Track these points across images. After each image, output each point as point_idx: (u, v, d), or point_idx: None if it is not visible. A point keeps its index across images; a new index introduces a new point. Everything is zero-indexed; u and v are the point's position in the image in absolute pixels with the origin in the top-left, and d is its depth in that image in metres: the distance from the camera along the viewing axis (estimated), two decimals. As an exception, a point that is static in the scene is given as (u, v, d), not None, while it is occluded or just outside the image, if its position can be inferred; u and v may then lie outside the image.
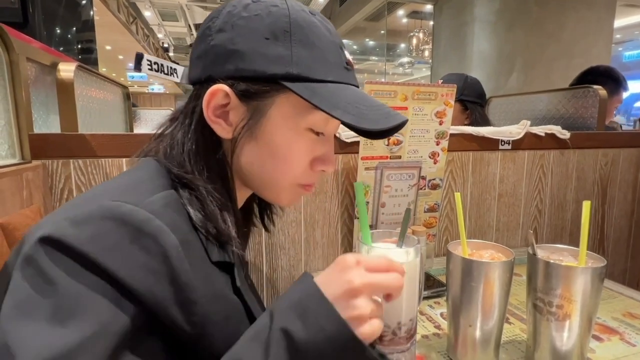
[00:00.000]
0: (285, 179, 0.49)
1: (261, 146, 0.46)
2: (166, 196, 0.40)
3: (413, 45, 7.48)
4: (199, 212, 0.43)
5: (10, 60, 0.67)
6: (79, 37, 1.93)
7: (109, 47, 8.60)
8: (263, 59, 0.43)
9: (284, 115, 0.45)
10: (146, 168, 0.45)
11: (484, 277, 0.56)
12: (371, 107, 0.45)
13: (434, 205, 1.02)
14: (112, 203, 0.36)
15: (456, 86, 0.93)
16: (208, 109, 0.45)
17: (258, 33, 0.43)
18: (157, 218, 0.36)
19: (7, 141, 0.68)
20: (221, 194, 0.46)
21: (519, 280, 0.93)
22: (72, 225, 0.34)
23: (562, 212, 1.25)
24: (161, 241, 0.35)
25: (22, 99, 0.69)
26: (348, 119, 0.42)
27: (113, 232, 0.34)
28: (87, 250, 0.33)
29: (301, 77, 0.43)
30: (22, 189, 0.66)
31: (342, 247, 1.01)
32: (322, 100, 0.42)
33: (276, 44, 0.43)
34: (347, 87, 0.46)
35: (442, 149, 0.97)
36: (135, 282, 0.34)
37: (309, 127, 0.47)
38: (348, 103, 0.44)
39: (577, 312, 0.54)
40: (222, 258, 0.44)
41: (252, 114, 0.45)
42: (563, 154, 1.21)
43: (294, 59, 0.43)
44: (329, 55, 0.45)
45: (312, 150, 0.49)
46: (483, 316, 0.57)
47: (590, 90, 1.32)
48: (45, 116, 0.92)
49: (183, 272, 0.36)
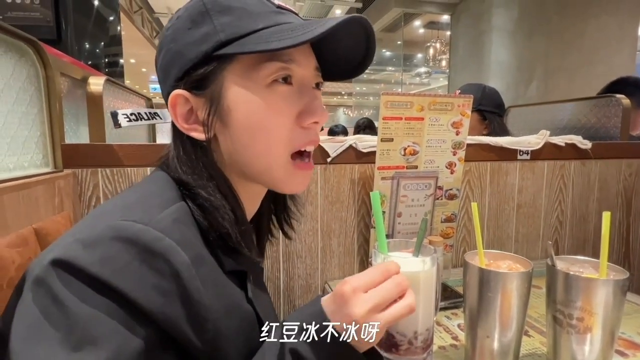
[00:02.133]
0: (275, 151, 0.45)
1: (236, 127, 0.44)
2: (176, 210, 0.40)
3: (430, 55, 7.47)
4: (203, 219, 0.43)
5: (47, 76, 0.72)
6: (106, 51, 2.01)
7: (133, 60, 8.92)
8: (193, 45, 0.43)
9: (239, 84, 0.43)
10: (156, 180, 0.45)
11: (502, 287, 0.56)
12: (310, 24, 0.42)
13: (451, 215, 1.02)
14: (121, 223, 0.35)
15: (472, 97, 0.93)
16: (177, 120, 0.45)
17: (182, 29, 0.44)
18: (167, 236, 0.36)
19: (42, 151, 0.72)
20: (217, 196, 0.45)
21: (539, 292, 0.91)
22: (82, 248, 0.34)
23: (585, 224, 1.22)
24: (172, 260, 0.35)
25: (56, 112, 0.73)
26: (288, 43, 0.40)
27: (123, 253, 0.34)
28: (98, 273, 0.33)
29: (231, 39, 0.42)
30: (54, 196, 0.69)
31: (358, 256, 1.01)
32: (257, 45, 0.41)
33: (199, 27, 0.43)
34: (281, 26, 0.43)
35: (459, 159, 0.97)
36: (148, 303, 0.34)
37: (270, 79, 0.44)
38: (283, 32, 0.41)
39: (598, 325, 0.53)
40: (234, 267, 0.44)
41: (211, 100, 0.44)
42: (584, 165, 1.19)
43: (218, 28, 0.42)
44: (253, 8, 0.44)
45: (290, 106, 0.45)
46: (501, 327, 0.57)
47: (613, 100, 1.29)
48: (75, 127, 0.96)
49: (195, 290, 0.36)
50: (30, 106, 0.68)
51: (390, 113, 0.86)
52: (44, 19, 1.36)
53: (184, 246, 0.37)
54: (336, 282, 0.98)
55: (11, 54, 0.63)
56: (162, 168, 0.47)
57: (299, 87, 0.46)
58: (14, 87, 0.63)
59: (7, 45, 0.62)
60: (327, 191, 0.97)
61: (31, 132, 0.68)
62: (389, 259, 0.50)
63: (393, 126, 0.88)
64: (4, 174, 0.60)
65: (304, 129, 0.46)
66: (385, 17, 6.97)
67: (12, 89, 0.63)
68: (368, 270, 0.43)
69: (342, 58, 0.50)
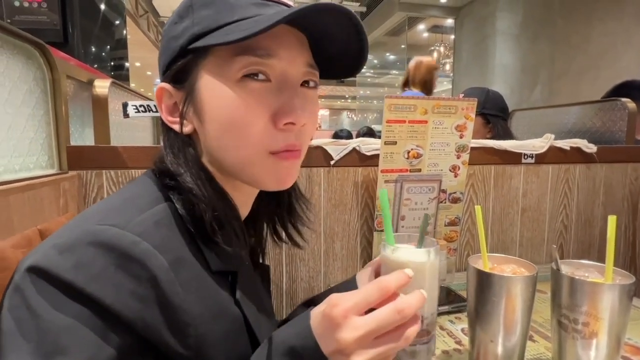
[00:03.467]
0: (250, 149, 0.43)
1: (209, 122, 0.43)
2: (158, 212, 0.39)
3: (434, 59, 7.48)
4: (187, 215, 0.42)
5: (53, 78, 0.72)
6: (112, 54, 2.03)
7: (138, 63, 8.99)
8: (173, 39, 0.44)
9: (212, 78, 0.42)
10: (142, 182, 0.46)
11: (506, 291, 0.55)
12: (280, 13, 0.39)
13: (455, 219, 1.02)
14: (97, 227, 0.35)
15: (477, 100, 0.93)
16: (163, 113, 0.46)
17: (170, 23, 0.45)
18: (145, 240, 0.35)
19: (48, 152, 0.72)
20: (203, 190, 0.43)
21: (544, 297, 0.90)
22: (58, 253, 0.33)
23: (590, 228, 1.21)
24: (149, 265, 0.34)
25: (61, 114, 0.74)
26: (250, 31, 0.37)
27: (99, 258, 0.33)
28: (73, 279, 0.32)
29: (205, 32, 0.41)
30: (59, 197, 0.70)
31: (361, 260, 1.01)
32: (225, 36, 0.39)
33: (183, 21, 0.43)
34: (257, 17, 0.41)
35: (463, 163, 0.97)
36: (124, 309, 0.33)
37: (241, 74, 0.41)
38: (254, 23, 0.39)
39: (604, 330, 0.52)
40: (222, 267, 0.43)
41: (187, 94, 0.44)
42: (590, 168, 1.18)
43: (196, 21, 0.42)
44: (233, 1, 0.42)
45: (262, 103, 0.42)
46: (505, 332, 0.56)
47: (618, 103, 1.28)
48: (81, 129, 0.97)
49: (174, 295, 0.35)
50: (37, 108, 0.69)
51: (394, 116, 0.86)
52: (51, 22, 1.37)
53: (163, 249, 0.36)
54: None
55: (18, 57, 0.64)
56: (153, 169, 0.48)
57: (278, 84, 0.43)
58: (21, 89, 0.64)
59: (14, 47, 0.63)
60: (330, 194, 0.97)
61: (37, 133, 0.69)
62: (397, 251, 0.49)
63: (397, 129, 0.88)
64: (10, 175, 0.61)
65: (280, 131, 0.43)
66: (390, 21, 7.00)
67: (19, 91, 0.63)
68: (363, 288, 0.39)
69: (337, 54, 0.48)
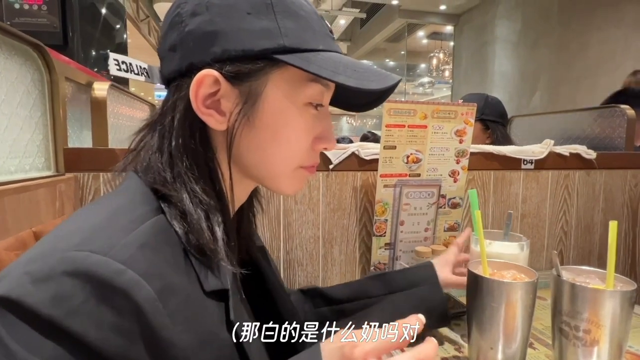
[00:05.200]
0: (288, 163, 0.45)
1: (260, 131, 0.43)
2: (144, 232, 0.35)
3: (433, 65, 7.51)
4: (182, 228, 0.38)
5: (51, 80, 0.72)
6: (112, 58, 2.03)
7: (139, 68, 9.01)
8: (250, 35, 0.39)
9: (281, 93, 0.42)
10: (128, 190, 0.41)
11: (506, 298, 0.55)
12: (367, 70, 0.43)
13: (454, 224, 1.01)
14: (76, 254, 0.31)
15: (476, 105, 0.93)
16: (197, 99, 0.40)
17: (238, 9, 0.40)
18: (130, 267, 0.32)
19: (44, 155, 0.72)
20: (210, 196, 0.41)
21: (544, 304, 0.90)
22: (32, 283, 0.29)
23: (590, 235, 1.20)
24: (134, 296, 0.31)
25: (59, 116, 0.74)
26: (352, 83, 0.40)
27: (78, 290, 0.30)
28: (49, 314, 0.29)
29: (294, 48, 0.40)
30: (55, 199, 0.69)
31: (360, 265, 1.00)
32: (321, 69, 0.40)
33: (259, 18, 0.40)
34: (336, 54, 0.44)
35: (462, 168, 0.96)
36: (106, 346, 0.30)
37: (308, 101, 0.44)
38: (347, 68, 0.41)
39: (605, 337, 0.52)
40: (216, 286, 0.40)
41: (247, 97, 0.41)
42: (589, 175, 1.18)
43: (282, 30, 0.40)
44: (314, 24, 0.43)
45: (313, 128, 0.46)
46: (505, 339, 0.56)
47: (617, 110, 1.29)
48: (79, 132, 0.97)
49: (161, 327, 0.32)
50: (34, 110, 0.68)
51: (393, 120, 0.86)
52: (51, 25, 1.37)
53: (150, 277, 0.33)
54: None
55: (16, 58, 0.63)
56: (136, 172, 0.42)
57: (323, 112, 0.47)
58: (18, 90, 0.64)
59: (12, 48, 0.62)
60: (329, 198, 0.96)
61: (34, 135, 0.68)
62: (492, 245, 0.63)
63: (396, 134, 0.88)
64: (5, 176, 0.60)
65: (313, 151, 0.47)
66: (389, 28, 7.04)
67: (16, 92, 0.63)
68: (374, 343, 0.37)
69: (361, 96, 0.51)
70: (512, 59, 5.33)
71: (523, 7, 5.10)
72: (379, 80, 0.42)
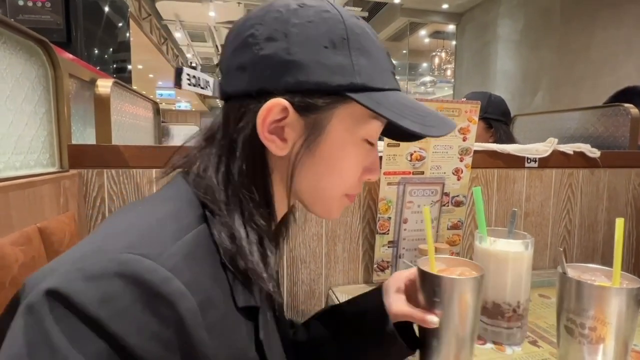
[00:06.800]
0: (338, 191, 0.48)
1: (318, 161, 0.44)
2: (190, 242, 0.36)
3: (435, 64, 7.50)
4: (231, 249, 0.38)
5: (56, 76, 0.72)
6: (115, 56, 2.04)
7: (141, 66, 9.04)
8: (325, 69, 0.40)
9: (344, 127, 0.44)
10: (176, 197, 0.41)
11: (447, 293, 0.52)
12: (428, 114, 0.45)
13: (458, 222, 1.01)
14: (128, 257, 0.32)
15: (480, 103, 0.93)
16: (263, 125, 0.41)
17: (316, 42, 0.40)
18: (177, 276, 0.32)
19: (49, 151, 0.72)
20: (265, 219, 0.42)
21: (548, 302, 0.89)
22: (83, 280, 0.30)
23: (593, 233, 1.20)
24: (178, 307, 0.32)
25: (63, 112, 0.74)
26: (417, 128, 0.41)
27: (127, 293, 0.30)
28: (96, 313, 0.29)
29: (364, 87, 0.41)
30: (59, 195, 0.69)
31: (363, 263, 1.00)
32: (388, 111, 0.41)
33: (335, 52, 0.40)
34: (399, 93, 0.45)
35: (466, 166, 0.96)
36: (146, 353, 0.30)
37: (366, 137, 0.46)
38: (411, 110, 0.43)
39: (611, 335, 0.52)
40: (248, 302, 0.40)
41: (312, 128, 0.42)
42: (593, 173, 1.17)
43: (356, 68, 0.41)
44: (382, 63, 0.44)
45: (364, 160, 0.48)
46: (446, 335, 0.53)
47: (621, 109, 1.28)
48: (82, 128, 0.97)
49: (199, 341, 0.33)
50: (39, 106, 0.68)
51: (397, 118, 0.86)
52: (55, 22, 1.38)
53: (194, 288, 0.33)
54: (340, 288, 0.97)
55: (21, 53, 0.63)
56: (183, 177, 0.43)
57: (373, 146, 0.49)
58: (23, 86, 0.64)
59: (17, 44, 0.62)
60: (333, 196, 0.96)
61: (38, 131, 0.68)
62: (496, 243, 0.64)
63: (400, 131, 0.87)
64: (10, 172, 0.60)
65: (359, 182, 0.49)
66: (391, 27, 7.03)
67: (21, 88, 0.63)
68: None
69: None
70: (514, 59, 5.32)
71: (525, 6, 5.08)
72: (439, 126, 0.44)
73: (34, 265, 0.54)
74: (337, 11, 0.42)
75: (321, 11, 0.41)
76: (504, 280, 0.66)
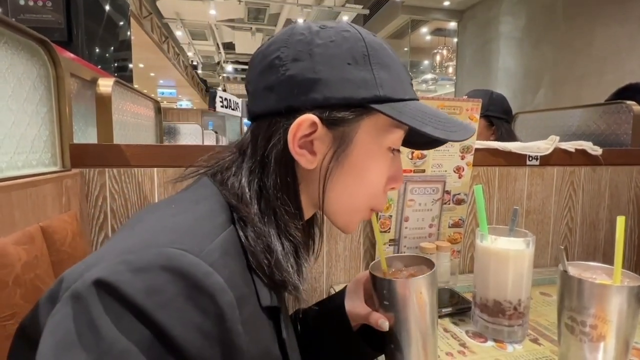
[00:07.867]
0: (363, 202, 0.49)
1: (346, 172, 0.46)
2: (224, 241, 0.38)
3: (437, 62, 7.47)
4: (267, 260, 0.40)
5: (57, 76, 0.72)
6: (116, 55, 2.04)
7: (142, 65, 9.04)
8: (350, 84, 0.42)
9: (370, 138, 0.46)
10: (207, 198, 0.43)
11: (395, 296, 0.52)
12: (448, 120, 0.47)
13: (459, 220, 1.01)
14: (173, 251, 0.33)
15: (481, 101, 0.93)
16: (294, 140, 0.43)
17: (339, 59, 0.43)
18: (217, 272, 0.34)
19: (51, 150, 0.72)
20: (300, 231, 0.44)
21: (549, 300, 0.89)
22: (130, 272, 0.32)
23: (595, 231, 1.20)
24: (218, 301, 0.33)
25: (65, 112, 0.74)
26: (439, 134, 0.43)
27: (171, 285, 0.32)
28: (143, 303, 0.31)
29: (387, 98, 0.44)
30: (61, 195, 0.69)
31: (364, 261, 1.00)
32: (410, 118, 0.43)
33: (358, 68, 0.43)
34: (419, 102, 0.48)
35: (467, 164, 0.96)
36: (187, 343, 0.32)
37: (390, 146, 0.48)
38: (432, 117, 0.45)
39: (612, 333, 0.52)
40: (270, 302, 0.41)
41: (340, 141, 0.45)
42: (595, 171, 1.17)
43: (378, 81, 0.43)
44: (401, 74, 0.46)
45: (389, 169, 0.49)
46: (401, 337, 0.52)
47: (623, 106, 1.28)
48: (84, 127, 0.97)
49: (236, 335, 0.34)
50: (40, 105, 0.69)
51: (398, 116, 0.86)
52: (56, 22, 1.38)
53: (231, 284, 0.35)
54: (341, 286, 0.97)
55: (22, 53, 0.64)
56: (211, 179, 0.45)
57: (396, 154, 0.50)
58: (25, 85, 0.64)
59: (18, 44, 0.63)
60: (334, 194, 0.96)
61: (40, 131, 0.69)
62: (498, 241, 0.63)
63: (401, 129, 0.87)
64: (13, 171, 0.61)
65: (384, 192, 0.50)
66: (392, 24, 7.00)
67: (23, 88, 0.63)
68: None
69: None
70: (516, 56, 5.30)
71: (527, 3, 5.05)
72: (459, 131, 0.46)
73: (36, 264, 0.54)
74: (356, 30, 0.45)
75: (341, 31, 0.44)
76: (505, 278, 0.67)
